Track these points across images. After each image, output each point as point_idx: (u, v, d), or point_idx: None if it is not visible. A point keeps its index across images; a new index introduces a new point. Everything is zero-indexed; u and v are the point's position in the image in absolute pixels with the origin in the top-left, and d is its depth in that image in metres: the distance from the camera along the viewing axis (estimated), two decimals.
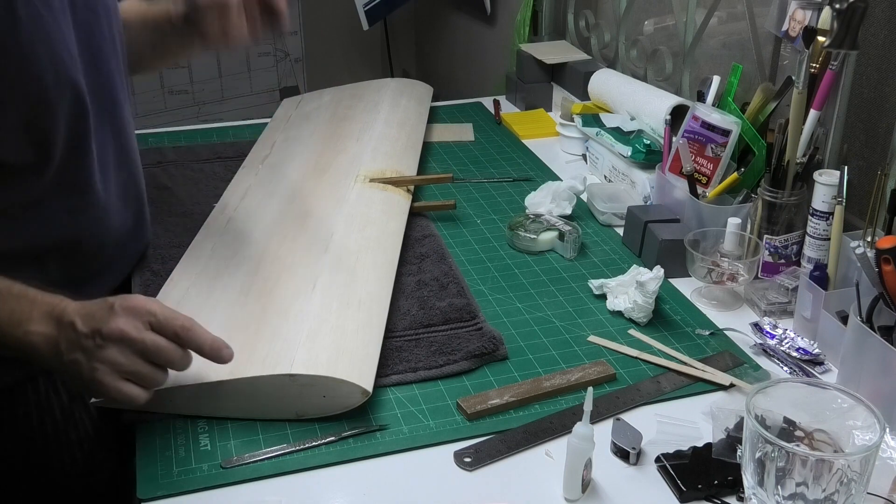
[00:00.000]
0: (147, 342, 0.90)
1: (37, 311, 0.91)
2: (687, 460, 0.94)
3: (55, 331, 0.91)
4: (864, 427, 0.83)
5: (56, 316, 0.91)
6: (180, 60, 1.27)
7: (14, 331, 0.91)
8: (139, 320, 0.90)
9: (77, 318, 0.90)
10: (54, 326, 0.91)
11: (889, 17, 1.21)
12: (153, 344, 0.90)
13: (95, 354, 0.89)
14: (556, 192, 1.47)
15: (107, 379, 0.89)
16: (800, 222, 1.24)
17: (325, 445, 0.97)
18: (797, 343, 1.13)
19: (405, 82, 1.94)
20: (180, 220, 1.41)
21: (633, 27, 1.88)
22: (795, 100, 1.20)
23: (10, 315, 0.91)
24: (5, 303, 0.92)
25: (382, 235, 1.30)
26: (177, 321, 0.92)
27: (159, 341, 0.91)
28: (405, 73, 3.45)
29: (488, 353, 1.10)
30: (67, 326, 0.90)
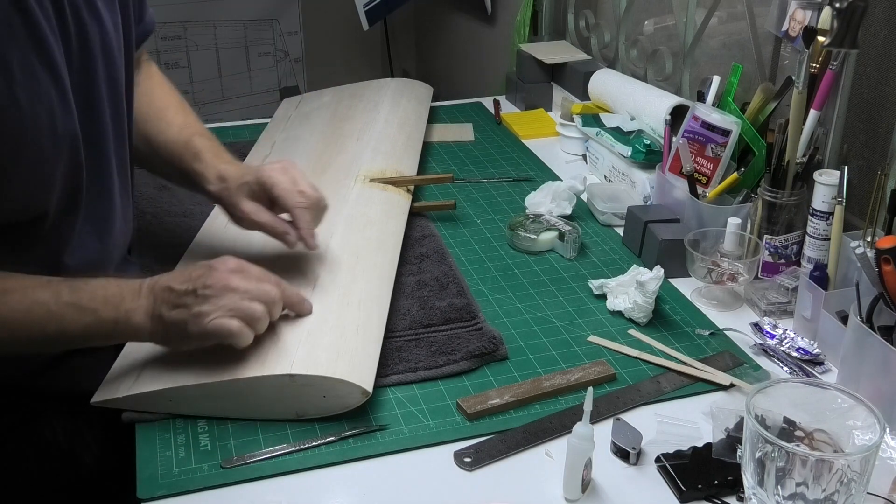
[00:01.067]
0: (253, 289, 0.97)
1: (127, 292, 0.96)
2: (687, 460, 0.94)
3: (150, 300, 0.96)
4: (864, 427, 0.83)
5: (146, 288, 0.96)
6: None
7: (114, 314, 0.95)
8: (241, 275, 0.97)
9: (172, 282, 0.96)
10: (146, 297, 0.96)
11: (889, 17, 1.21)
12: (258, 289, 0.97)
13: (202, 304, 0.94)
14: (556, 192, 1.47)
15: (217, 321, 0.94)
16: (800, 222, 1.24)
17: (325, 445, 0.97)
18: (797, 343, 1.13)
19: (405, 82, 1.94)
20: (180, 220, 1.41)
21: (633, 27, 1.88)
22: (795, 100, 1.20)
23: (104, 302, 0.95)
24: (96, 293, 0.95)
25: (382, 235, 1.30)
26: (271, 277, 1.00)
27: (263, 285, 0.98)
28: (405, 73, 3.45)
29: (488, 353, 1.10)
30: (164, 291, 0.96)
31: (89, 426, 1.10)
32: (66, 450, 1.08)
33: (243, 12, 3.17)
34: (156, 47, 3.06)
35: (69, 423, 1.09)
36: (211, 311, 0.94)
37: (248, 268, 0.99)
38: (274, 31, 3.25)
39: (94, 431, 1.10)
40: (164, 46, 3.09)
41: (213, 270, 0.97)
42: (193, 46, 3.14)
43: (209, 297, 0.95)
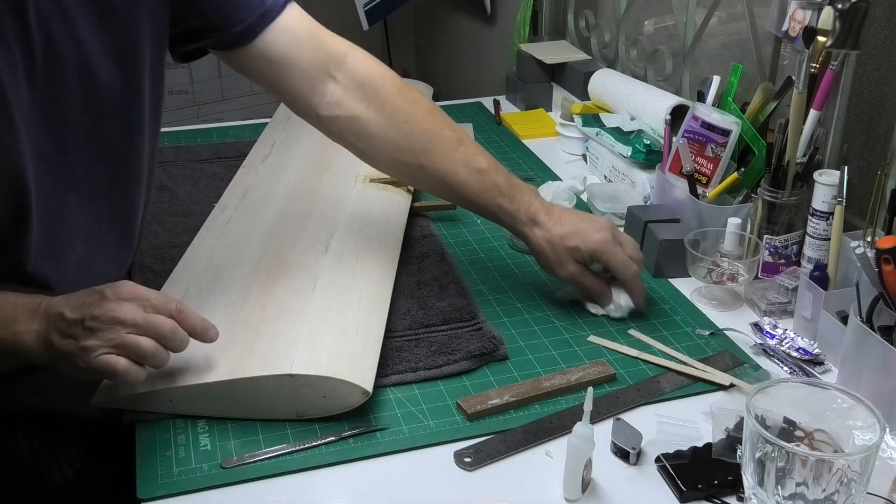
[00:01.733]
0: (140, 321, 0.89)
1: (20, 312, 0.91)
2: (687, 460, 0.94)
3: (43, 325, 0.90)
4: (864, 427, 0.83)
5: (41, 312, 0.91)
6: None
7: (3, 333, 0.90)
8: (133, 304, 0.90)
9: (65, 308, 0.90)
10: (40, 321, 0.90)
11: (889, 17, 1.21)
12: (146, 321, 0.90)
13: (88, 338, 0.88)
14: (556, 192, 1.47)
15: (102, 358, 0.88)
16: (800, 222, 1.24)
17: (325, 445, 0.97)
18: (797, 343, 1.13)
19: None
20: (180, 220, 1.41)
21: (633, 27, 1.88)
22: (795, 100, 1.20)
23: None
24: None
25: (382, 236, 1.30)
26: (170, 304, 0.92)
27: (153, 318, 0.90)
28: (405, 73, 3.45)
29: (488, 353, 1.10)
30: (55, 317, 0.90)
31: (63, 447, 1.07)
32: (33, 467, 1.05)
33: None
34: None
35: (38, 441, 1.05)
36: (97, 347, 0.88)
37: (143, 295, 0.92)
38: None
39: (67, 452, 1.07)
40: None
41: (103, 300, 0.90)
42: None
43: (95, 330, 0.88)
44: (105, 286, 0.92)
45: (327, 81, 1.13)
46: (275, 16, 1.08)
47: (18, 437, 1.04)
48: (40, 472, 1.06)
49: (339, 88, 1.13)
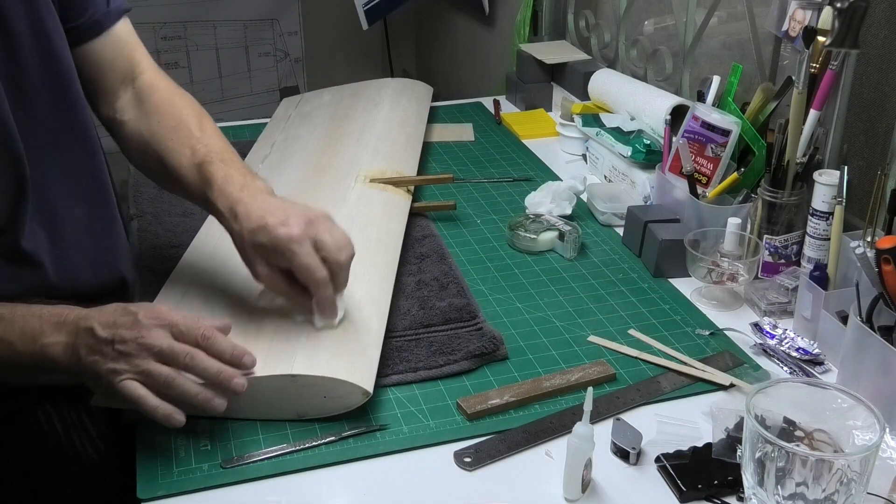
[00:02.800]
0: (166, 349, 0.90)
1: (46, 325, 0.92)
2: (687, 460, 0.94)
3: (71, 338, 0.92)
4: (864, 427, 0.83)
5: (69, 324, 0.92)
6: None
7: (30, 348, 0.92)
8: (162, 329, 0.91)
9: (96, 324, 0.91)
10: (68, 334, 0.92)
11: (889, 17, 1.21)
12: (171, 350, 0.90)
13: (117, 360, 0.90)
14: (556, 192, 1.47)
15: (126, 384, 0.89)
16: (800, 222, 1.24)
17: (325, 445, 0.97)
18: (797, 343, 1.13)
19: (405, 82, 1.94)
20: (180, 220, 1.41)
21: (633, 27, 1.88)
22: (795, 100, 1.20)
23: (21, 335, 0.92)
24: (14, 325, 0.92)
25: (383, 236, 1.30)
26: (198, 330, 0.92)
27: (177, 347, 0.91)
28: (405, 73, 3.45)
29: (488, 353, 1.10)
30: (85, 332, 0.91)
31: (92, 420, 1.09)
32: (65, 442, 1.07)
33: (243, 12, 3.17)
34: (156, 47, 3.06)
35: (68, 416, 1.08)
36: (122, 371, 0.89)
37: (173, 321, 0.92)
38: (274, 31, 3.25)
39: (98, 426, 1.10)
40: (164, 46, 3.09)
41: (135, 324, 0.91)
42: (193, 46, 3.14)
43: (123, 354, 0.89)
44: (140, 307, 0.93)
45: (122, 90, 1.18)
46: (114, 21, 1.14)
47: (50, 411, 1.06)
48: (73, 446, 1.07)
49: (127, 95, 1.17)
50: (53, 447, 1.07)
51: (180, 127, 1.13)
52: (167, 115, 1.14)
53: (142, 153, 1.15)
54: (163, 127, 1.13)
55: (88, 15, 1.10)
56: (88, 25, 1.11)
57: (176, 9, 3.07)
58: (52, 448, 1.07)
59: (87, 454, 1.09)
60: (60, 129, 1.04)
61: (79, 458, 1.08)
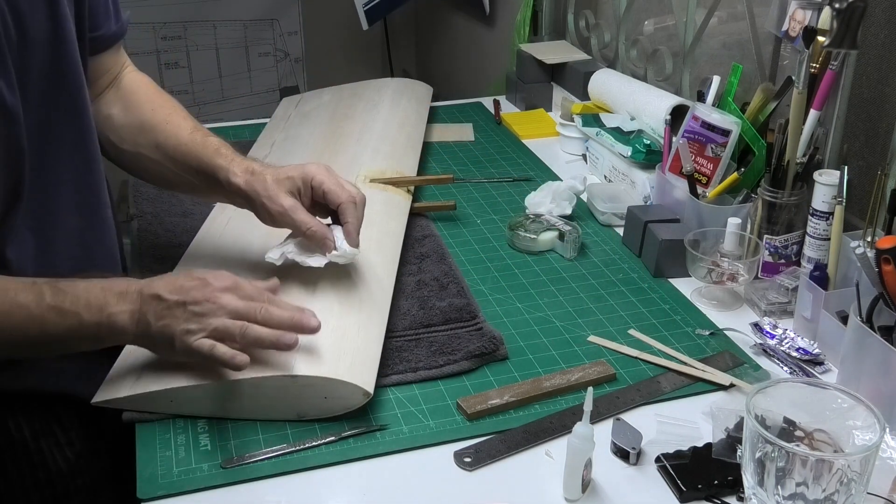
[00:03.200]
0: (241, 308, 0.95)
1: (110, 296, 0.95)
2: (687, 460, 0.94)
3: (136, 305, 0.95)
4: (864, 427, 0.83)
5: (132, 293, 0.95)
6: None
7: (97, 318, 0.94)
8: (231, 293, 0.96)
9: (162, 290, 0.95)
10: (133, 302, 0.95)
11: (889, 17, 1.21)
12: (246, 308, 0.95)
13: (190, 321, 0.93)
14: (556, 192, 1.47)
15: (203, 342, 0.93)
16: (800, 222, 1.24)
17: (325, 445, 0.97)
18: (797, 343, 1.13)
19: (405, 82, 1.94)
20: (180, 220, 1.41)
21: (633, 27, 1.88)
22: (795, 100, 1.20)
23: (87, 306, 0.94)
24: (79, 297, 0.94)
25: (383, 236, 1.30)
26: (262, 295, 0.98)
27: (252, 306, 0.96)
28: (405, 73, 3.45)
29: (488, 353, 1.10)
30: (151, 299, 0.94)
31: (62, 428, 1.08)
32: (34, 449, 1.06)
33: (243, 12, 3.17)
34: (156, 47, 3.06)
35: (38, 423, 1.07)
36: (197, 330, 0.93)
37: (240, 285, 0.98)
38: (274, 31, 3.25)
39: (68, 434, 1.09)
40: (164, 46, 3.09)
41: (205, 285, 0.95)
42: (193, 46, 3.14)
43: (198, 315, 0.94)
44: (205, 272, 0.98)
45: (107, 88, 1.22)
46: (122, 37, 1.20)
47: (20, 419, 1.06)
48: (42, 453, 1.07)
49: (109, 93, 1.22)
50: (21, 453, 1.06)
51: (175, 113, 1.21)
52: (160, 105, 1.21)
53: (133, 142, 1.19)
54: (157, 114, 1.19)
55: (104, 30, 1.14)
56: (101, 39, 1.14)
57: (176, 9, 3.07)
58: (20, 454, 1.06)
59: (55, 461, 1.08)
60: (65, 136, 1.04)
61: (46, 465, 1.08)
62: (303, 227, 1.08)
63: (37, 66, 0.98)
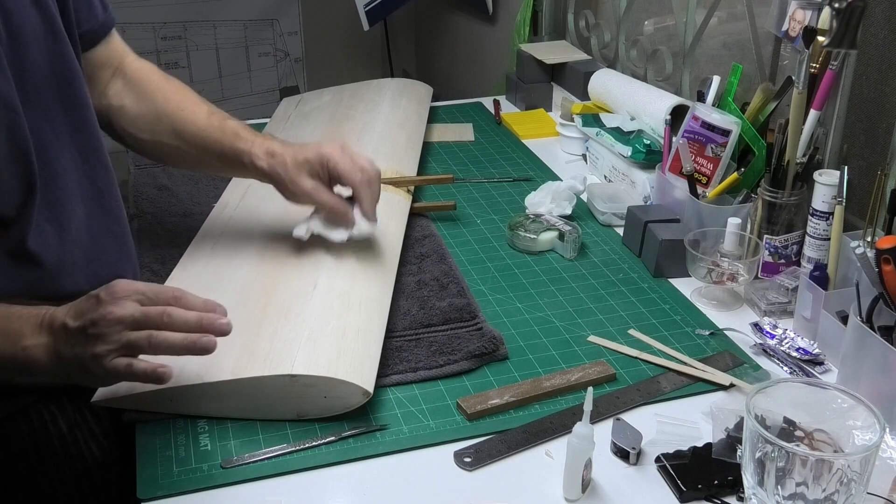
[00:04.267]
0: (139, 316, 0.90)
1: (27, 327, 0.92)
2: (687, 460, 0.94)
3: (49, 338, 0.91)
4: (864, 427, 0.83)
5: (46, 324, 0.92)
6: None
7: (12, 350, 0.91)
8: (128, 300, 0.91)
9: (67, 318, 0.91)
10: (47, 334, 0.91)
11: (889, 17, 1.21)
12: (144, 315, 0.90)
13: (96, 344, 0.89)
14: (556, 192, 1.47)
15: (116, 362, 0.89)
16: (800, 222, 1.24)
17: (325, 445, 0.97)
18: (797, 343, 1.13)
19: (405, 82, 1.94)
20: (180, 220, 1.41)
21: (633, 27, 1.88)
22: (795, 100, 1.20)
23: (3, 336, 0.91)
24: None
25: (383, 236, 1.30)
26: (166, 292, 0.93)
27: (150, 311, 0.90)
28: (405, 73, 3.45)
29: (488, 353, 1.10)
30: (59, 329, 0.91)
31: (96, 419, 1.10)
32: (70, 441, 1.08)
33: (243, 12, 3.17)
34: (156, 47, 3.07)
35: (72, 414, 1.08)
36: (106, 352, 0.89)
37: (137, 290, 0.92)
38: (274, 31, 3.25)
39: (101, 424, 1.10)
40: (164, 46, 3.09)
41: (99, 304, 0.90)
42: (193, 46, 3.14)
43: (100, 336, 0.89)
44: (100, 289, 0.92)
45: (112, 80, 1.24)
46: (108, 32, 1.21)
47: (55, 411, 1.06)
48: (77, 444, 1.08)
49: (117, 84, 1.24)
50: (58, 445, 1.07)
51: (187, 99, 1.23)
52: (172, 92, 1.23)
53: (151, 131, 1.21)
54: (171, 102, 1.22)
55: (91, 23, 1.15)
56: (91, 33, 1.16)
57: (176, 9, 3.07)
58: (57, 446, 1.07)
59: (91, 452, 1.10)
60: (64, 128, 1.05)
61: (82, 456, 1.09)
62: (326, 206, 1.16)
63: (31, 60, 0.99)
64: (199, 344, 0.91)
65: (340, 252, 1.21)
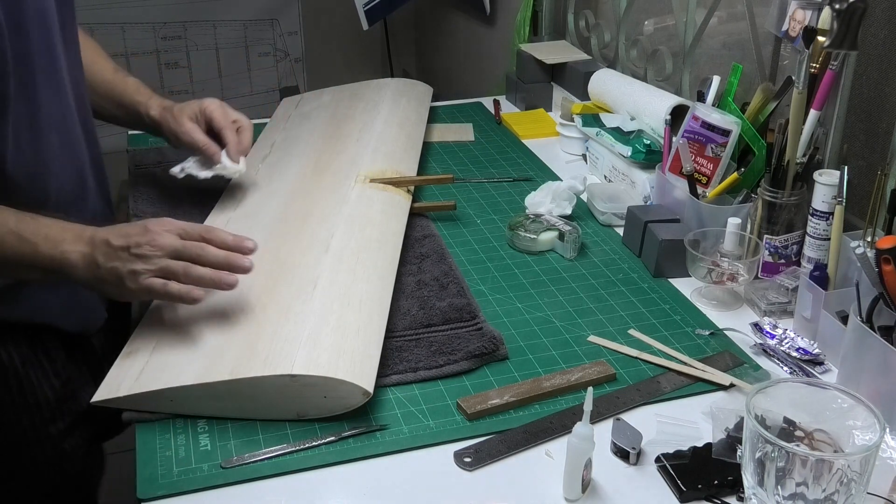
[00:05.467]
0: (179, 247, 1.03)
1: (68, 234, 1.02)
2: (687, 460, 0.94)
3: (89, 248, 1.01)
4: (864, 427, 0.83)
5: (86, 237, 1.02)
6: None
7: (51, 251, 1.00)
8: (172, 234, 1.04)
9: (111, 236, 1.02)
10: (86, 244, 1.01)
11: (889, 17, 1.21)
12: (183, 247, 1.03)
13: (135, 262, 1.01)
14: (556, 192, 1.47)
15: (151, 280, 1.01)
16: (800, 222, 1.24)
17: (325, 445, 0.97)
18: (797, 343, 1.13)
19: (405, 82, 1.94)
20: (180, 220, 1.41)
21: (633, 27, 1.88)
22: (795, 100, 1.20)
23: (46, 238, 1.01)
24: (39, 228, 1.01)
25: (383, 236, 1.30)
26: (199, 228, 1.06)
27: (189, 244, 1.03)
28: (405, 73, 3.45)
29: (488, 353, 1.10)
30: (101, 243, 1.01)
31: (49, 358, 1.14)
32: (23, 375, 1.12)
33: (243, 12, 3.17)
34: (156, 47, 3.06)
35: (26, 351, 1.12)
36: (143, 270, 1.01)
37: (179, 226, 1.05)
38: (274, 31, 3.25)
39: (53, 364, 1.15)
40: (164, 46, 3.09)
41: (146, 230, 1.03)
42: (193, 46, 3.14)
43: (140, 256, 1.01)
44: (148, 220, 1.06)
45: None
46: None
47: (10, 347, 1.11)
48: (30, 380, 1.13)
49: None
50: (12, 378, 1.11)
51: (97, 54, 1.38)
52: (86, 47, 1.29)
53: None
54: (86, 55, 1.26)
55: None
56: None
57: (176, 9, 3.07)
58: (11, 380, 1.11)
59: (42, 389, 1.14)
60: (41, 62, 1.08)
61: (34, 391, 1.13)
62: (198, 143, 1.35)
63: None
64: (224, 280, 1.04)
65: (340, 252, 1.21)
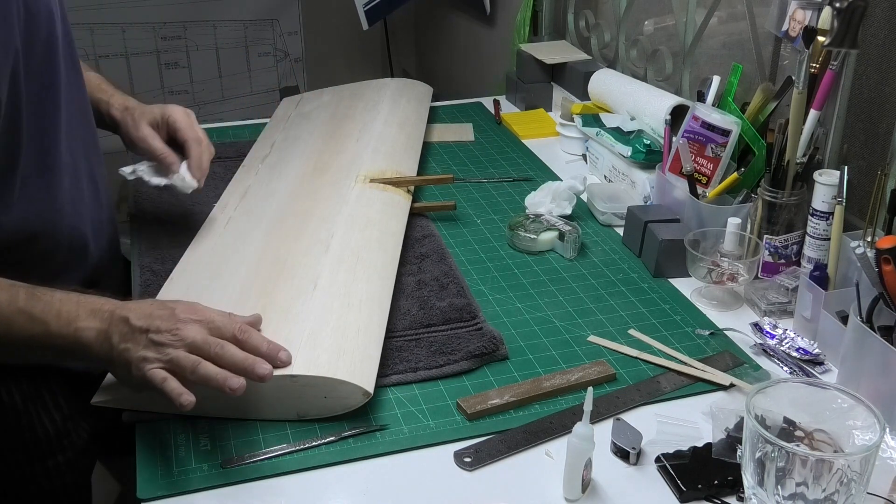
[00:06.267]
0: (201, 342, 0.93)
1: (83, 310, 0.94)
2: (687, 460, 0.94)
3: (105, 325, 0.94)
4: (864, 427, 0.83)
5: (104, 312, 0.94)
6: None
7: (65, 330, 0.93)
8: (200, 325, 0.94)
9: (131, 314, 0.94)
10: (102, 321, 0.94)
11: (889, 17, 1.21)
12: (206, 343, 0.93)
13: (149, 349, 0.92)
14: (556, 192, 1.47)
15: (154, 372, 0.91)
16: (800, 222, 1.24)
17: (325, 445, 0.97)
18: (797, 343, 1.13)
19: (405, 82, 1.94)
20: (180, 220, 1.41)
21: (633, 27, 1.88)
22: (795, 100, 1.20)
23: (58, 316, 0.94)
24: (52, 306, 0.94)
25: (383, 236, 1.30)
26: (234, 325, 0.96)
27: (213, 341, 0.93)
28: (405, 73, 3.45)
29: (488, 353, 1.10)
30: (120, 321, 0.93)
31: (50, 392, 1.12)
32: (23, 411, 1.10)
33: (243, 12, 3.17)
34: (156, 47, 3.06)
35: (27, 388, 1.10)
36: (153, 359, 0.92)
37: (209, 317, 0.96)
38: (274, 31, 3.25)
39: (55, 397, 1.12)
40: (164, 46, 3.09)
41: (173, 316, 0.94)
42: (193, 46, 3.14)
43: (156, 344, 0.92)
44: (177, 302, 0.97)
45: None
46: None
47: (11, 385, 1.09)
48: (29, 415, 1.10)
49: None
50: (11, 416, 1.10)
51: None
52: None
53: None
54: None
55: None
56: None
57: (176, 9, 3.07)
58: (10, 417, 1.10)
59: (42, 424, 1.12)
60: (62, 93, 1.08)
61: (33, 426, 1.11)
62: (155, 152, 1.26)
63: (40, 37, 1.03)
64: (229, 384, 0.92)
65: (340, 252, 1.21)
